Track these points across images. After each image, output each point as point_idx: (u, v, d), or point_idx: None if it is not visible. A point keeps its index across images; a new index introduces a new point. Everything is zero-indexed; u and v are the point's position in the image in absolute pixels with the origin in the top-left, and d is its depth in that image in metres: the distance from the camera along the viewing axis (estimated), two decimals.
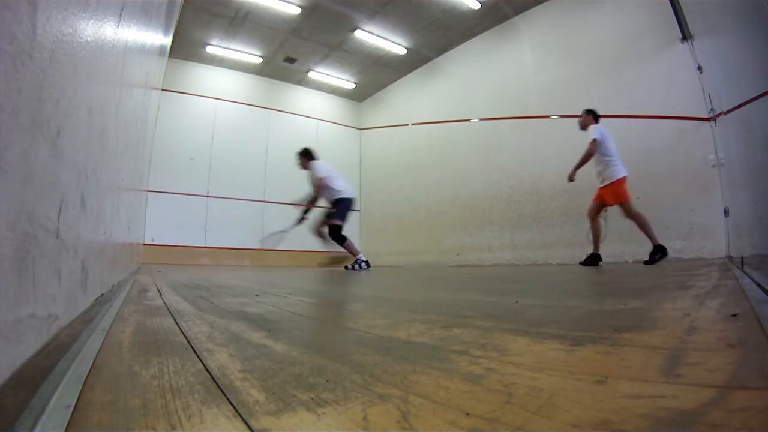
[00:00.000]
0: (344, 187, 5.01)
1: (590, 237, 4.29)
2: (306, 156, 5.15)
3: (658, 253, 3.87)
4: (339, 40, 7.55)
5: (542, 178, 5.96)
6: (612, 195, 4.08)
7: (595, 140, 4.07)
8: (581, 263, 4.37)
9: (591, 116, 4.37)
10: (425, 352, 0.66)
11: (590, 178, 4.34)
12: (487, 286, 2.31)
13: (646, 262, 3.91)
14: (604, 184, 4.12)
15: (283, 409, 0.41)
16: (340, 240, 4.86)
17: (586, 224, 5.20)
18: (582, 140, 4.25)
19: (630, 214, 3.97)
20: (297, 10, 6.61)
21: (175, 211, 7.56)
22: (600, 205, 4.22)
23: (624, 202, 4.00)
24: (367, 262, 5.09)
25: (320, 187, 4.96)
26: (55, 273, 0.55)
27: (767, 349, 0.57)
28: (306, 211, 5.27)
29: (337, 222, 4.82)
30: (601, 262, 4.26)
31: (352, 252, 4.96)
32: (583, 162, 4.20)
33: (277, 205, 8.84)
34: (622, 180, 4.05)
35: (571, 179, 4.32)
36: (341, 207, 4.87)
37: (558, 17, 6.07)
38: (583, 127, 4.37)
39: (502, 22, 6.82)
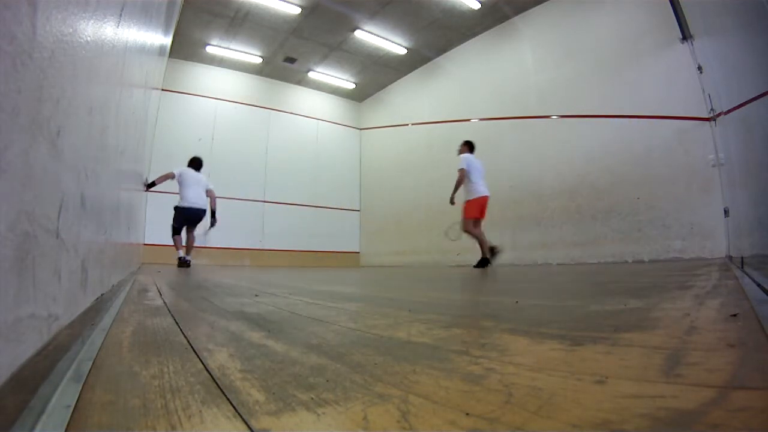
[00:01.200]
0: (186, 196, 5.67)
1: (479, 246, 4.93)
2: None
3: (485, 263, 4.80)
4: (339, 40, 7.55)
5: (542, 178, 5.96)
6: (466, 209, 4.88)
7: (462, 170, 4.87)
8: (474, 266, 4.89)
9: (466, 147, 5.11)
10: (425, 352, 0.66)
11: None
12: (487, 286, 2.31)
13: (475, 266, 4.82)
14: (466, 200, 4.93)
15: (283, 409, 0.41)
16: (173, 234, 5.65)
17: (587, 224, 5.20)
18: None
19: (468, 229, 4.84)
20: (297, 10, 6.60)
21: None
22: (474, 220, 4.90)
23: (468, 218, 4.82)
24: (185, 259, 5.62)
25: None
26: (55, 273, 0.55)
27: (767, 349, 0.57)
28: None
29: (173, 223, 5.60)
30: (490, 264, 4.86)
31: (176, 246, 5.64)
32: (456, 188, 4.96)
33: (278, 205, 8.84)
34: (478, 199, 4.84)
35: (451, 202, 4.99)
36: (176, 213, 5.59)
37: (558, 17, 6.06)
38: (460, 154, 5.09)
39: (502, 22, 6.82)
